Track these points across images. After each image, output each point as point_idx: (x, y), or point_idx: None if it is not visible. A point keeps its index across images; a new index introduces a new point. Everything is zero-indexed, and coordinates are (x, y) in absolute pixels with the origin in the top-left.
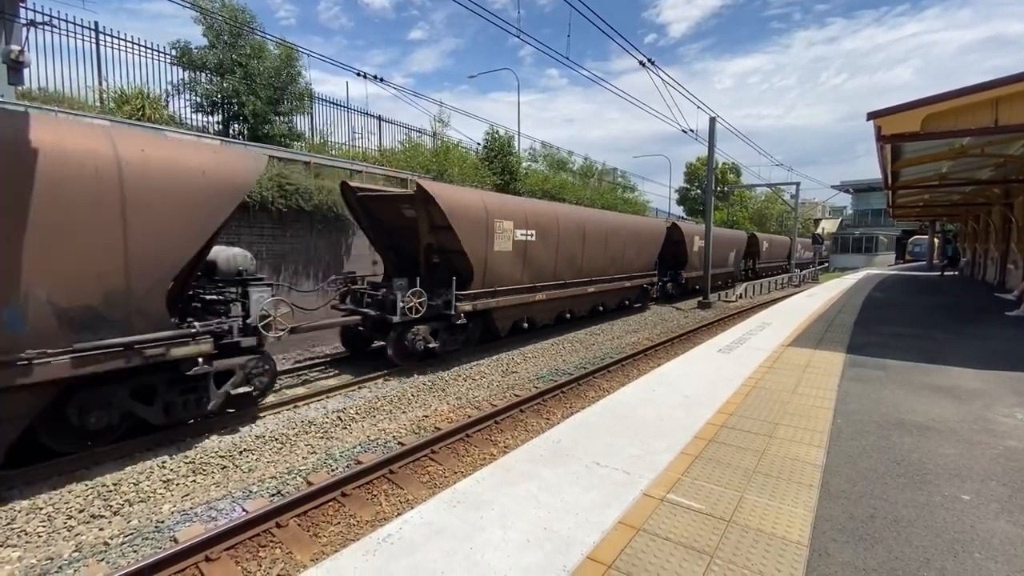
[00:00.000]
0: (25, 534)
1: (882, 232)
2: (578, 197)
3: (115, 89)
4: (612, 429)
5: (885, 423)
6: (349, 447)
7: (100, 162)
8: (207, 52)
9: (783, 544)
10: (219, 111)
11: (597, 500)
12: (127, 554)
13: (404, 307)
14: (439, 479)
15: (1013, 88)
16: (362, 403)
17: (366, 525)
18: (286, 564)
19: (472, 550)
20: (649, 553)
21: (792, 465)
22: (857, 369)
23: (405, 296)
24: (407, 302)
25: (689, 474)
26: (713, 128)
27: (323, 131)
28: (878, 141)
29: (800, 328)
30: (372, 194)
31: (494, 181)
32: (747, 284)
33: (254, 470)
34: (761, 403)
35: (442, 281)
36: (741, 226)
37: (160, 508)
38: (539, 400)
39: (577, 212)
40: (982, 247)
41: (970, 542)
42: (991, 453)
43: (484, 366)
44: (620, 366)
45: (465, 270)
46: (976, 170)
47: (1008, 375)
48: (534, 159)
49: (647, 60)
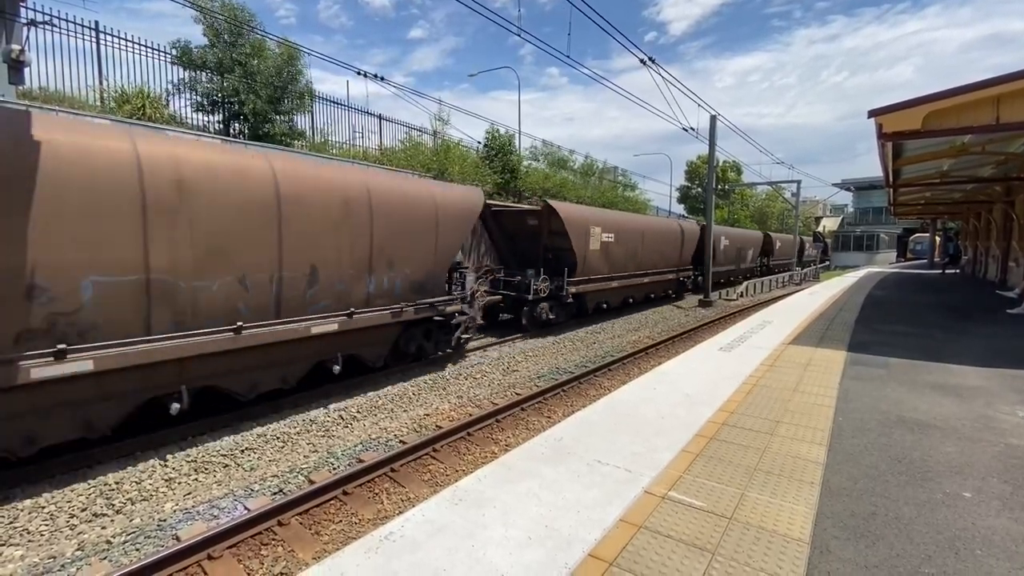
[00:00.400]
0: (28, 533)
1: (883, 230)
2: (578, 196)
3: (115, 88)
4: (613, 427)
5: (886, 421)
6: (351, 445)
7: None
8: (207, 51)
9: (784, 541)
10: (219, 110)
11: (598, 498)
12: (129, 552)
13: (536, 289)
14: (440, 477)
15: (1014, 86)
16: (364, 402)
17: (368, 523)
18: (288, 562)
19: (474, 548)
20: (651, 550)
21: (793, 463)
22: (858, 367)
23: (537, 282)
24: (538, 286)
25: (690, 472)
26: (714, 126)
27: (324, 130)
28: (879, 139)
29: (801, 326)
30: (505, 209)
31: (494, 180)
32: (748, 283)
33: (256, 468)
34: (762, 401)
35: (553, 272)
36: (742, 224)
37: (162, 506)
38: (540, 398)
39: (641, 219)
40: (983, 245)
41: (971, 539)
42: (992, 451)
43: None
44: (621, 364)
45: (570, 264)
46: (977, 168)
47: (1009, 373)
48: (535, 158)
49: (648, 58)
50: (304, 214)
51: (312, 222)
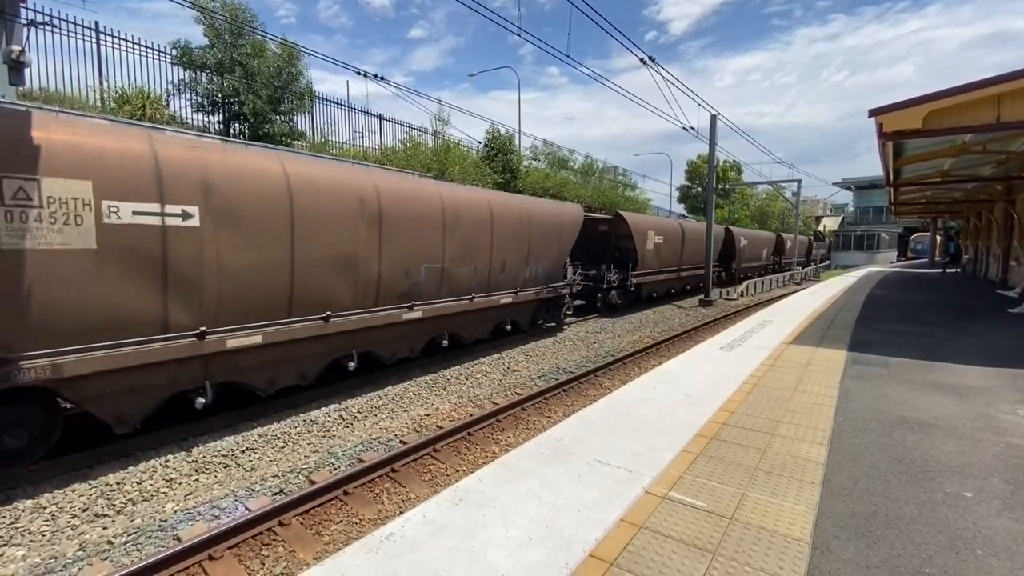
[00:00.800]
0: (29, 533)
1: (884, 229)
2: (579, 196)
3: (116, 89)
4: (614, 427)
5: (887, 420)
6: (351, 446)
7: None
8: (207, 51)
9: (785, 541)
10: (220, 110)
11: (599, 498)
12: (130, 553)
13: (608, 280)
14: (441, 477)
15: (1015, 84)
16: (364, 402)
17: (368, 523)
18: (289, 562)
19: (474, 548)
20: (651, 550)
21: (794, 463)
22: (859, 367)
23: (609, 274)
24: (610, 277)
25: (691, 472)
26: (714, 126)
27: (324, 130)
28: (880, 138)
29: (802, 326)
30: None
31: (495, 180)
32: (748, 283)
33: (256, 469)
34: (763, 401)
35: (618, 266)
36: (742, 223)
37: (163, 507)
38: (541, 398)
39: (679, 223)
40: (984, 244)
41: (972, 539)
42: (993, 450)
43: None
44: (621, 364)
45: (632, 260)
46: (978, 167)
47: (1010, 372)
48: (535, 157)
49: (648, 58)
50: (503, 229)
51: (505, 234)
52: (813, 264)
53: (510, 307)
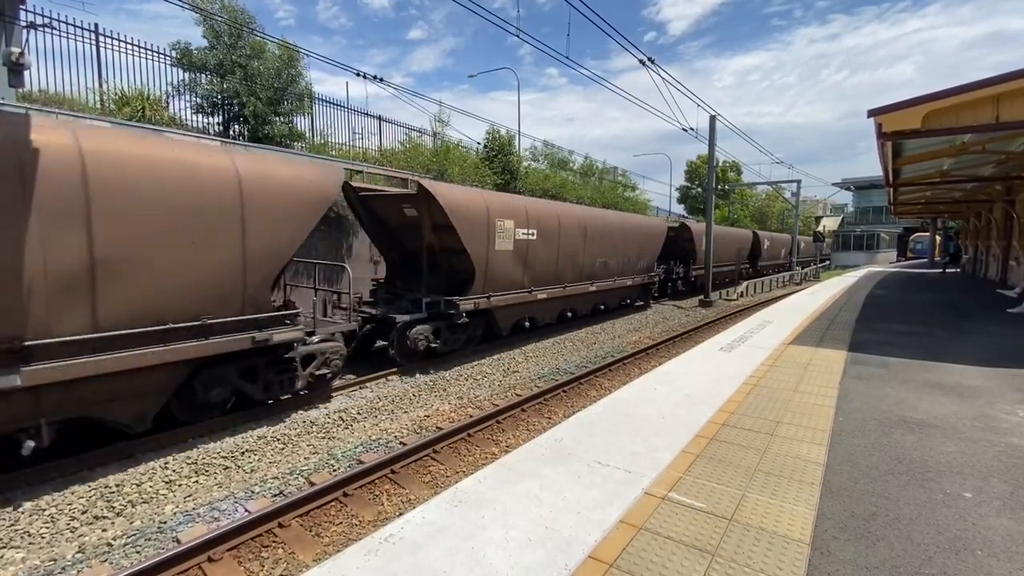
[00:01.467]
0: (28, 535)
1: (883, 229)
2: (578, 196)
3: (115, 91)
4: (613, 428)
5: (887, 421)
6: (351, 447)
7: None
8: (207, 53)
9: (785, 542)
10: (219, 112)
11: (599, 499)
12: (130, 555)
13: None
14: (441, 478)
15: (1014, 84)
16: (363, 403)
17: (368, 525)
18: (288, 564)
19: (474, 549)
20: (651, 552)
21: (794, 463)
22: (859, 367)
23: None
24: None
25: (691, 473)
26: (713, 126)
27: (323, 131)
28: (879, 138)
29: (801, 326)
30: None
31: (495, 180)
32: (748, 283)
33: (256, 470)
34: (763, 401)
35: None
36: (742, 223)
37: (163, 509)
38: (540, 399)
39: (721, 230)
40: (984, 244)
41: (972, 540)
42: (993, 450)
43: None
44: (621, 365)
45: (692, 257)
46: (977, 167)
47: (1010, 372)
48: (535, 158)
49: (647, 58)
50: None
51: (629, 240)
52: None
53: (626, 289)
